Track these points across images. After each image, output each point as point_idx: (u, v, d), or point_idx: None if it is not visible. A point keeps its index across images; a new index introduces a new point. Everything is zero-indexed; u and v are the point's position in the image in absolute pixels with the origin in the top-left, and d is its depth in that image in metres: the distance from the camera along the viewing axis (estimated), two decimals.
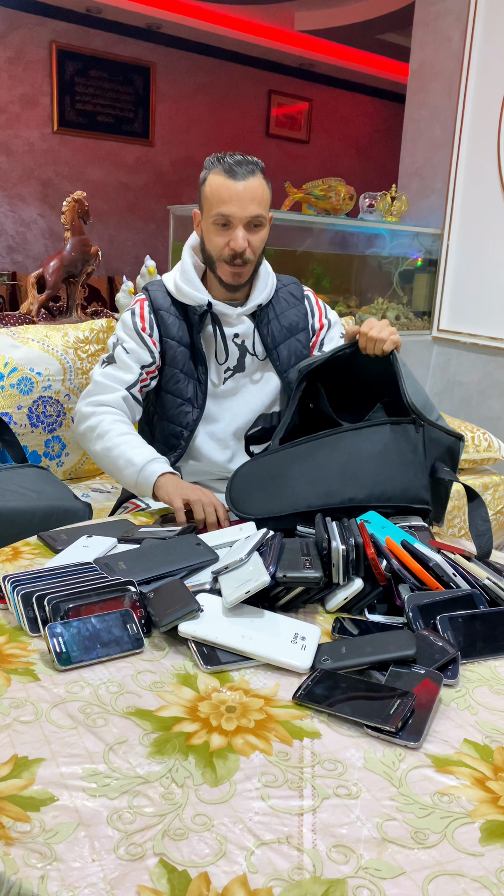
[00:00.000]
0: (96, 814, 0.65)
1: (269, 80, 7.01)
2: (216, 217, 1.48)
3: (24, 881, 0.58)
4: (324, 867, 0.61)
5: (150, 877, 0.59)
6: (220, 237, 1.50)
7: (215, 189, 1.48)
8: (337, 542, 1.06)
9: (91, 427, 1.51)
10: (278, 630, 0.94)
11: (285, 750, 0.75)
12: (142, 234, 6.55)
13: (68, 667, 0.87)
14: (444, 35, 3.34)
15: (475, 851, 0.64)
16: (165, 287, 1.62)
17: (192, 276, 1.59)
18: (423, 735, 0.77)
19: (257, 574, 0.97)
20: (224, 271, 1.53)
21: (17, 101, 5.73)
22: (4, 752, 0.72)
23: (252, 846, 0.63)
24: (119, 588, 0.98)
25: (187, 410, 1.61)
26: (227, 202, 1.46)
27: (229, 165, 1.47)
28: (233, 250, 1.48)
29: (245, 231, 1.48)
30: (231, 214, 1.47)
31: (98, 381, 1.56)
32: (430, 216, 3.51)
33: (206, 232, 1.53)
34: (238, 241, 1.48)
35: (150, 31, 6.14)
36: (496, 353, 3.33)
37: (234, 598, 0.95)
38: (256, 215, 1.48)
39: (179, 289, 1.59)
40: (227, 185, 1.46)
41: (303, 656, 0.90)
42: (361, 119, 7.75)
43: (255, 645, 0.91)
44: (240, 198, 1.46)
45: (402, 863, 0.62)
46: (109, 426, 1.49)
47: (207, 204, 1.50)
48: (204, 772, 0.71)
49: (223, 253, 1.50)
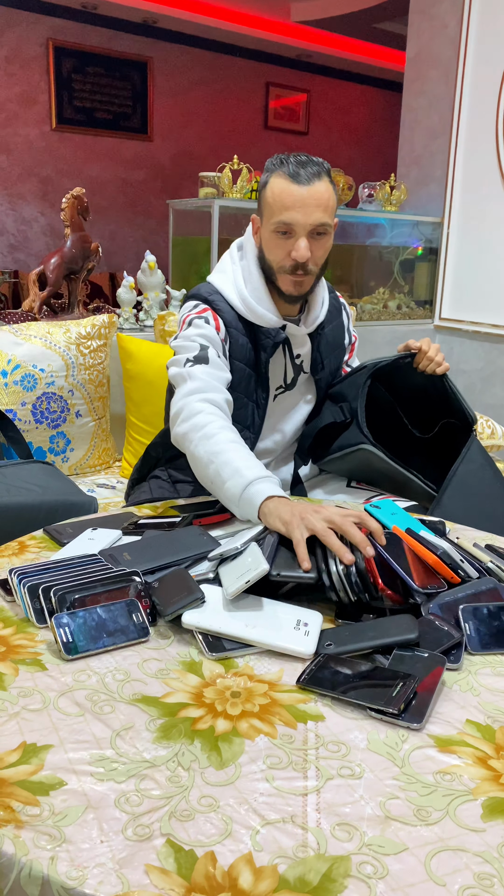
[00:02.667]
0: (104, 797, 0.66)
1: (266, 72, 7.00)
2: (277, 224, 1.36)
3: (34, 862, 0.59)
4: (328, 845, 0.62)
5: (158, 856, 0.60)
6: (281, 246, 1.39)
7: (277, 194, 1.36)
8: (335, 566, 0.99)
9: (197, 426, 1.28)
10: (281, 617, 0.95)
11: (289, 733, 0.77)
12: (142, 230, 6.55)
13: (75, 656, 0.88)
14: (441, 22, 3.33)
15: (477, 827, 0.65)
16: (227, 300, 1.48)
17: (263, 293, 1.46)
18: (426, 717, 0.78)
19: (256, 563, 0.97)
20: (285, 282, 1.42)
21: (15, 99, 5.73)
22: (13, 739, 0.73)
23: (257, 826, 0.64)
24: (124, 579, 0.99)
25: (246, 437, 1.51)
26: (290, 208, 1.34)
27: (293, 168, 1.35)
28: (295, 261, 1.38)
29: (308, 240, 1.37)
30: (294, 222, 1.35)
31: (201, 377, 1.36)
32: (429, 204, 3.51)
33: (265, 240, 1.42)
34: (301, 251, 1.36)
35: (146, 25, 6.13)
36: (498, 340, 3.33)
37: (235, 589, 0.95)
38: (322, 223, 1.36)
39: (251, 308, 1.46)
40: (291, 190, 1.34)
41: (306, 642, 0.90)
42: (359, 109, 7.73)
43: (258, 633, 0.91)
44: (304, 204, 1.34)
45: (404, 839, 0.63)
46: (218, 430, 1.26)
47: (268, 210, 1.38)
48: (209, 755, 0.72)
49: (284, 263, 1.39)
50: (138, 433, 2.24)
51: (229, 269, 1.51)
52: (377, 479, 1.62)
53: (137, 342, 2.25)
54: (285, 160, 1.38)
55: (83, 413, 2.18)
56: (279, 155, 1.40)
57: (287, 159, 1.38)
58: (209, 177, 2.95)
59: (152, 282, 2.62)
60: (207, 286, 1.51)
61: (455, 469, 1.49)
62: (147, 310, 2.66)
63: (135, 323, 2.60)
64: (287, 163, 1.37)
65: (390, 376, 1.63)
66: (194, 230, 3.01)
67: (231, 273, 1.50)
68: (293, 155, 1.39)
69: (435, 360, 1.56)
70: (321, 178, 1.36)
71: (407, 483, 1.56)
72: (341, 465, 1.60)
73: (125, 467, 2.27)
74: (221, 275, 1.52)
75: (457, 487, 1.47)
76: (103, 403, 2.25)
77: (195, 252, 3.00)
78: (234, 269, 1.50)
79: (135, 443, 2.25)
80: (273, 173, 1.38)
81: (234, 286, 1.48)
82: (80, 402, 2.16)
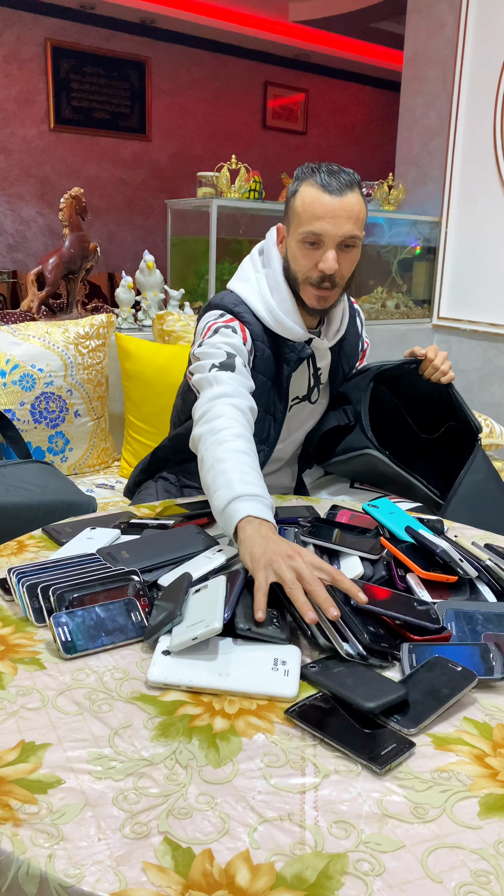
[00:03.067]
0: (102, 795, 0.66)
1: (264, 72, 7.00)
2: (306, 235, 1.33)
3: (32, 860, 0.59)
4: (325, 842, 0.62)
5: (155, 854, 0.60)
6: (308, 257, 1.35)
7: (308, 204, 1.32)
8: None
9: (214, 429, 1.20)
10: (255, 659, 0.86)
11: (287, 730, 0.77)
12: (140, 230, 6.55)
13: (74, 655, 0.88)
14: (438, 22, 3.33)
15: (474, 825, 0.65)
16: (253, 312, 1.44)
17: (291, 305, 1.42)
18: (421, 726, 0.76)
19: (211, 615, 0.85)
20: (309, 294, 1.39)
21: (13, 99, 5.73)
22: (12, 737, 0.74)
23: (254, 823, 0.64)
24: (122, 578, 0.99)
25: (259, 451, 1.47)
26: (320, 219, 1.31)
27: (325, 178, 1.32)
28: (321, 272, 1.34)
29: (337, 252, 1.34)
30: (324, 233, 1.32)
31: (228, 382, 1.29)
32: (427, 204, 3.51)
33: (292, 250, 1.38)
34: (329, 263, 1.33)
35: (144, 25, 6.13)
36: (497, 339, 3.34)
37: (179, 643, 0.84)
38: (352, 235, 1.33)
39: (279, 320, 1.42)
40: (323, 200, 1.31)
41: (287, 683, 0.82)
42: (357, 108, 7.74)
43: (233, 681, 0.82)
44: (335, 215, 1.31)
45: (401, 837, 0.63)
46: (232, 437, 1.18)
47: (297, 219, 1.35)
48: (207, 753, 0.73)
49: (311, 274, 1.36)
50: (137, 433, 2.25)
51: (252, 277, 1.47)
52: (381, 482, 1.62)
53: (136, 342, 2.26)
54: (317, 169, 1.34)
55: (82, 413, 2.18)
56: (310, 164, 1.37)
57: (319, 168, 1.34)
58: (207, 177, 2.95)
59: (151, 282, 2.62)
60: (232, 296, 1.46)
61: (460, 480, 1.49)
62: (145, 309, 2.66)
63: (133, 323, 2.60)
64: (319, 171, 1.33)
65: (396, 381, 1.63)
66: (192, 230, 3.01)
67: (255, 282, 1.46)
68: (325, 164, 1.36)
69: (440, 369, 1.54)
70: (353, 189, 1.33)
71: (411, 487, 1.56)
72: (346, 467, 1.60)
73: (124, 467, 2.27)
74: (245, 283, 1.47)
75: (461, 500, 1.47)
76: (102, 403, 2.25)
77: (193, 252, 3.00)
78: (258, 277, 1.46)
79: (134, 442, 2.25)
80: (304, 182, 1.35)
81: (260, 297, 1.44)
82: (79, 402, 2.17)
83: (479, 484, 1.49)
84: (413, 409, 1.69)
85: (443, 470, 1.61)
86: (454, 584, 1.05)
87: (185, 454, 1.60)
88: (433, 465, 1.64)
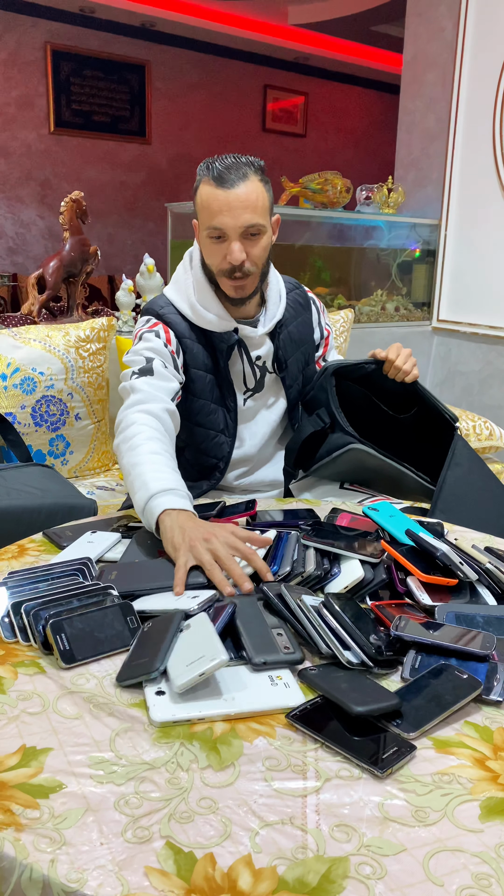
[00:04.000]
0: (104, 799, 0.67)
1: (264, 75, 7.02)
2: (210, 230, 1.39)
3: (34, 865, 0.59)
4: (327, 846, 0.62)
5: (157, 858, 0.60)
6: (216, 251, 1.41)
7: (206, 200, 1.38)
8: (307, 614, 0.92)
9: (127, 437, 1.28)
10: (251, 679, 0.85)
11: (288, 735, 0.77)
12: (140, 233, 6.56)
13: (72, 665, 0.87)
14: (437, 25, 3.34)
15: (475, 828, 0.65)
16: (177, 309, 1.50)
17: (210, 299, 1.47)
18: (422, 730, 0.76)
19: (212, 651, 0.82)
20: (225, 285, 1.44)
21: (14, 102, 5.74)
22: (13, 742, 0.74)
23: (256, 827, 0.64)
24: (99, 593, 0.97)
25: (222, 441, 1.54)
26: (217, 213, 1.36)
27: (218, 172, 1.36)
28: (230, 264, 1.39)
29: (241, 241, 1.38)
30: (224, 226, 1.36)
31: (143, 388, 1.36)
32: (427, 207, 3.51)
33: (203, 246, 1.44)
34: (235, 254, 1.37)
35: (144, 29, 6.15)
36: (496, 341, 3.34)
37: (186, 682, 0.80)
38: (252, 224, 1.37)
39: (200, 315, 1.47)
40: (217, 195, 1.36)
41: (291, 694, 0.83)
42: (357, 111, 7.75)
43: (242, 703, 0.81)
44: (231, 207, 1.35)
45: (403, 840, 0.63)
46: (144, 441, 1.26)
47: (201, 216, 1.41)
48: (209, 756, 0.73)
49: (222, 266, 1.41)
50: None
51: (182, 278, 1.53)
52: (371, 478, 1.61)
53: None
54: (211, 164, 1.38)
55: (82, 416, 2.18)
56: (208, 159, 1.41)
57: (213, 163, 1.38)
58: None
59: (151, 285, 2.62)
60: (160, 299, 1.54)
61: (443, 477, 1.46)
62: None
63: (133, 326, 2.60)
64: (212, 167, 1.37)
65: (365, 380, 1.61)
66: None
67: (183, 283, 1.51)
68: (220, 157, 1.39)
69: (402, 368, 1.54)
70: (248, 179, 1.36)
71: (401, 478, 1.55)
72: (333, 468, 1.59)
73: None
74: (174, 285, 1.54)
75: (448, 499, 1.45)
76: (102, 406, 2.25)
77: None
78: (186, 277, 1.52)
79: None
80: (202, 179, 1.39)
81: (185, 296, 1.50)
82: (80, 405, 2.17)
83: (463, 479, 1.48)
84: (386, 402, 1.67)
85: (428, 460, 1.59)
86: (454, 588, 1.05)
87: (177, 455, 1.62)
88: (418, 454, 1.61)
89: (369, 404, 1.66)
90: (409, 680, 0.85)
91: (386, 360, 1.54)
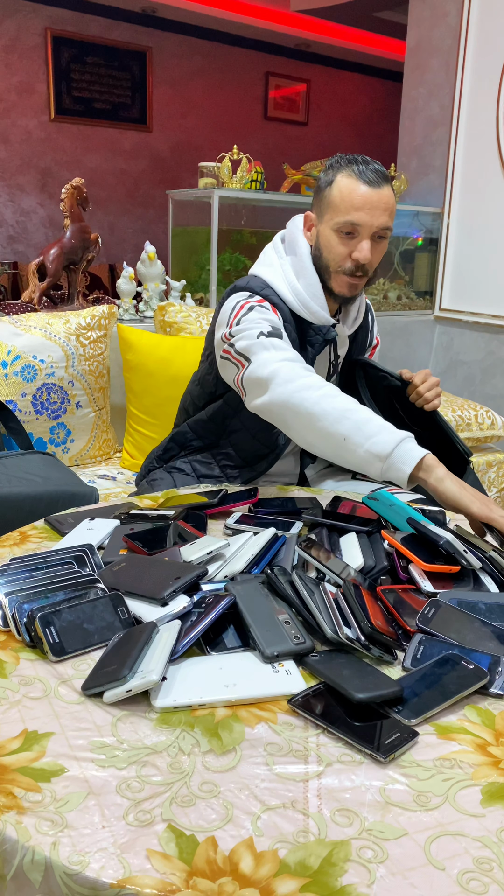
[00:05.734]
0: (106, 783, 0.67)
1: (266, 62, 6.97)
2: (343, 224, 1.35)
3: (36, 848, 0.59)
4: (328, 830, 0.63)
5: (159, 841, 0.61)
6: (343, 246, 1.38)
7: (346, 194, 1.34)
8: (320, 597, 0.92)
9: (313, 385, 1.22)
10: (252, 666, 0.85)
11: (290, 720, 0.77)
12: (141, 221, 6.54)
13: (62, 658, 0.85)
14: (441, 11, 3.31)
15: (476, 812, 0.65)
16: (279, 295, 1.45)
17: (318, 290, 1.44)
18: (423, 717, 0.76)
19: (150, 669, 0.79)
20: (340, 282, 1.42)
21: (14, 89, 5.71)
22: (15, 727, 0.74)
23: (258, 811, 0.64)
24: (85, 584, 0.96)
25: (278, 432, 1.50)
26: (358, 209, 1.34)
27: (363, 170, 1.35)
28: (356, 261, 1.37)
29: (371, 242, 1.37)
30: (361, 223, 1.35)
31: (286, 348, 1.31)
32: (429, 195, 3.50)
33: (324, 238, 1.40)
34: (364, 252, 1.36)
35: (145, 15, 6.10)
36: (499, 331, 3.33)
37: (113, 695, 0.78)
38: (386, 227, 1.37)
39: (305, 304, 1.43)
40: (361, 191, 1.33)
41: (292, 680, 0.82)
42: (359, 99, 7.70)
43: (243, 690, 0.80)
44: (372, 206, 1.34)
45: (404, 824, 0.63)
46: (340, 393, 1.22)
47: (333, 209, 1.37)
48: (210, 740, 0.73)
49: (344, 263, 1.39)
50: (138, 424, 2.24)
51: (276, 263, 1.48)
52: None
53: (137, 333, 2.25)
54: (354, 160, 1.36)
55: (83, 404, 2.18)
56: (345, 154, 1.39)
57: (356, 159, 1.37)
58: (209, 167, 2.93)
59: (152, 272, 2.62)
60: (257, 280, 1.46)
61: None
62: (147, 300, 2.65)
63: (135, 314, 2.60)
64: (356, 162, 1.36)
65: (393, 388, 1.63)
66: (194, 220, 3.00)
67: (279, 267, 1.46)
68: (360, 156, 1.38)
69: (424, 396, 1.53)
70: (388, 182, 1.37)
71: None
72: None
73: (126, 458, 2.27)
74: (269, 268, 1.48)
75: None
76: (103, 394, 2.25)
77: (195, 242, 2.99)
78: (283, 263, 1.47)
79: (135, 434, 2.25)
80: (340, 171, 1.36)
81: (286, 281, 1.45)
82: (81, 393, 2.16)
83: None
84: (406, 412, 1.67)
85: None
86: (457, 575, 1.05)
87: (206, 440, 1.58)
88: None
89: (391, 407, 1.66)
90: (410, 669, 0.85)
91: (411, 382, 1.54)
